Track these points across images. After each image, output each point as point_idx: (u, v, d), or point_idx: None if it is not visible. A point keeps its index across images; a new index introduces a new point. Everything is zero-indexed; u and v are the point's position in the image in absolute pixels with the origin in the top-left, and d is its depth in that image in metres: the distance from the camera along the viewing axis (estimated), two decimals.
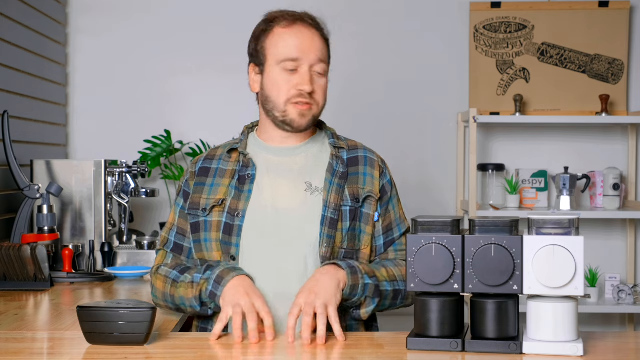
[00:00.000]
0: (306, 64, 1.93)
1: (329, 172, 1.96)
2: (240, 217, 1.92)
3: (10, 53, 2.91)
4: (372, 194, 1.97)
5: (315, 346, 1.68)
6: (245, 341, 1.73)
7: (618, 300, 3.43)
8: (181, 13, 3.60)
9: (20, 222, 2.70)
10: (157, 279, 1.96)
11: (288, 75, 1.93)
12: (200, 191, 1.98)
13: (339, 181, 1.95)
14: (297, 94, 1.92)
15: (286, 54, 1.93)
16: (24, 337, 1.79)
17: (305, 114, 1.94)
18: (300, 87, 1.92)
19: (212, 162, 2.02)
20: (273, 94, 1.95)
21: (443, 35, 3.65)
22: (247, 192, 1.94)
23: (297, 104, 1.93)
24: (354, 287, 1.82)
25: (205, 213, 1.95)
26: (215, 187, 1.97)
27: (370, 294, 1.84)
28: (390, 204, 2.02)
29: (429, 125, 3.65)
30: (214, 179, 1.99)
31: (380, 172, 2.01)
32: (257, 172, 1.97)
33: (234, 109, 3.51)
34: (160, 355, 1.60)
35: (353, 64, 3.61)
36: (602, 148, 3.66)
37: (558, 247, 1.53)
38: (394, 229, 2.01)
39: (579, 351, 1.54)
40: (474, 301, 1.59)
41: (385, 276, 1.90)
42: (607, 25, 3.59)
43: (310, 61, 1.93)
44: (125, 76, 3.60)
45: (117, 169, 2.95)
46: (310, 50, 1.93)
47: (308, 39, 1.94)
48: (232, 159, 2.01)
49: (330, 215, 1.91)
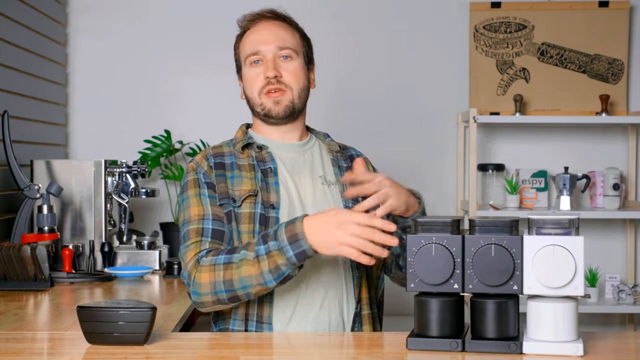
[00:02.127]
0: (269, 53, 2.00)
1: (335, 166, 2.05)
2: (275, 209, 1.93)
3: (10, 53, 2.91)
4: None
5: (316, 346, 1.68)
6: (245, 341, 1.73)
7: (618, 300, 3.43)
8: (181, 13, 3.60)
9: (20, 222, 2.70)
10: (200, 273, 1.82)
11: (255, 69, 2.01)
12: (224, 182, 1.96)
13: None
14: (265, 83, 2.00)
15: (248, 50, 2.03)
16: (24, 337, 1.79)
17: (279, 101, 1.99)
18: (265, 74, 1.99)
19: (224, 157, 2.01)
20: (248, 90, 2.03)
21: (443, 35, 3.65)
22: (275, 185, 1.96)
23: (268, 93, 1.99)
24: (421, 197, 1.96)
25: (237, 204, 1.92)
26: (239, 179, 1.95)
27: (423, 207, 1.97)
28: None
29: (429, 125, 3.65)
30: (232, 172, 1.97)
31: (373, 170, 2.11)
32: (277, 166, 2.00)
33: (234, 109, 3.49)
34: (160, 355, 1.60)
35: (352, 64, 3.61)
36: (602, 148, 3.66)
37: (558, 247, 1.53)
38: None
39: (579, 351, 1.53)
40: (474, 301, 1.59)
41: None
42: (607, 25, 3.59)
43: (271, 50, 2.00)
44: (125, 76, 3.60)
45: (117, 169, 2.95)
46: (268, 40, 2.01)
47: (266, 31, 2.02)
48: (244, 154, 2.01)
49: (350, 205, 1.97)
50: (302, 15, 2.19)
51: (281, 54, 2.00)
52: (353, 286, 1.95)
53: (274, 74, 1.98)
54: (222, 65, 3.56)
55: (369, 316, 1.96)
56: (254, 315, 1.90)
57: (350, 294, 1.94)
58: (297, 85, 2.01)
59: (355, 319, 1.93)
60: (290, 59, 2.01)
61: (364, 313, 1.96)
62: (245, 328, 1.90)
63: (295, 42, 2.04)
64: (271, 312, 1.89)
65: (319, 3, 3.60)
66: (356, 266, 1.95)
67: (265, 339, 1.76)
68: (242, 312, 1.91)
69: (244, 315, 1.90)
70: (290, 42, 2.02)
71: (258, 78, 2.00)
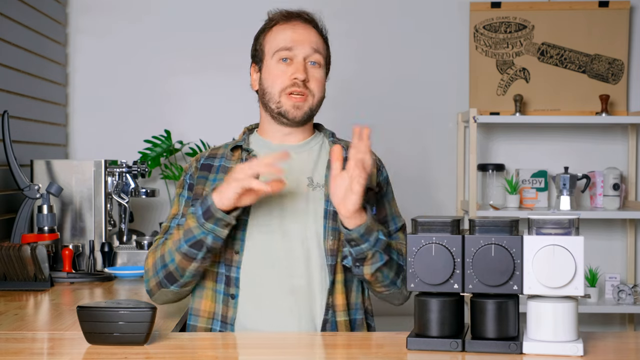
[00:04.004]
0: (300, 54, 1.98)
1: (328, 168, 1.98)
2: (245, 212, 1.92)
3: (10, 53, 2.91)
4: (371, 186, 1.98)
5: (316, 346, 1.68)
6: (246, 340, 1.73)
7: (618, 300, 3.43)
8: (181, 13, 3.60)
9: (20, 222, 2.70)
10: (146, 260, 1.95)
11: (283, 66, 1.98)
12: (203, 184, 1.99)
13: None
14: (290, 84, 1.96)
15: (281, 44, 1.98)
16: (24, 337, 1.79)
17: (299, 106, 1.97)
18: (294, 75, 1.96)
19: (215, 159, 2.04)
20: (269, 84, 1.99)
21: (443, 35, 3.65)
22: None
23: (291, 94, 1.96)
24: (369, 231, 1.81)
25: None
26: (218, 183, 1.96)
27: (380, 249, 1.83)
28: (385, 199, 2.05)
29: (429, 125, 3.65)
30: (216, 175, 2.00)
31: (377, 169, 2.05)
32: None
33: (234, 109, 3.51)
34: (160, 355, 1.60)
35: (352, 64, 3.61)
36: (602, 148, 3.66)
37: (558, 247, 1.53)
38: (389, 222, 2.04)
39: (579, 351, 1.54)
40: (474, 301, 1.59)
41: (395, 248, 1.92)
42: (607, 25, 3.59)
43: (304, 51, 1.98)
44: (125, 76, 3.60)
45: (117, 169, 2.95)
46: (305, 41, 1.98)
47: (302, 31, 2.00)
48: (235, 157, 2.02)
49: (332, 209, 1.92)
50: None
51: (312, 58, 1.99)
52: (326, 291, 1.89)
53: (303, 77, 1.96)
54: (222, 65, 3.58)
55: (346, 323, 1.89)
56: (218, 314, 1.91)
57: (323, 299, 1.89)
58: (319, 93, 2.01)
59: (326, 325, 1.88)
60: (319, 66, 2.00)
61: (339, 320, 1.89)
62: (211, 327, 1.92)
63: (324, 51, 2.04)
64: (235, 314, 1.89)
65: (319, 3, 3.59)
66: (331, 271, 1.90)
67: (265, 339, 1.76)
68: (208, 311, 1.92)
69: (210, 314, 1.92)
70: (321, 47, 2.02)
71: (284, 76, 1.97)
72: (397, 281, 1.92)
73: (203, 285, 1.94)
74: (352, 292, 1.94)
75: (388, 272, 1.88)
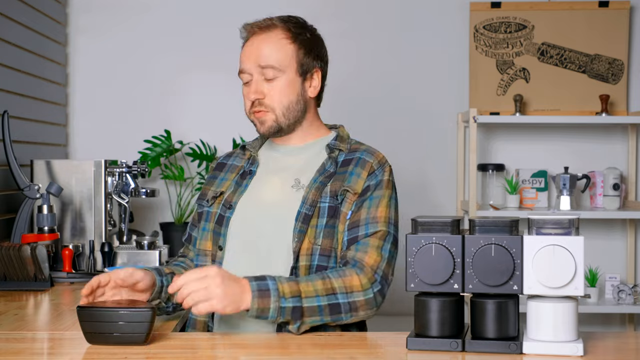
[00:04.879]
0: (254, 72, 2.00)
1: (318, 171, 1.99)
2: (231, 209, 1.99)
3: (10, 53, 2.91)
4: (350, 189, 1.93)
5: (316, 346, 1.68)
6: (246, 341, 1.73)
7: (618, 300, 3.43)
8: (181, 13, 3.60)
9: (20, 222, 2.70)
10: None
11: (245, 88, 2.04)
12: (211, 184, 2.11)
13: (324, 179, 1.97)
14: (250, 105, 2.03)
15: (239, 67, 2.04)
16: (24, 337, 1.79)
17: (263, 121, 2.02)
18: (249, 97, 2.01)
19: (230, 158, 2.15)
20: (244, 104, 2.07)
21: (443, 35, 3.65)
22: (244, 187, 2.03)
23: (254, 112, 2.02)
24: (263, 310, 1.74)
25: (209, 204, 2.06)
26: (223, 181, 2.09)
27: (288, 316, 1.75)
28: (367, 202, 1.93)
29: (429, 125, 3.65)
30: (225, 174, 2.11)
31: (369, 173, 1.96)
32: (259, 168, 2.06)
33: (234, 109, 3.49)
34: (160, 355, 1.60)
35: (352, 64, 3.61)
36: (602, 148, 3.66)
37: (558, 247, 1.53)
38: (360, 226, 1.91)
39: (579, 351, 1.53)
40: (474, 301, 1.59)
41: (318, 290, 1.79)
42: (607, 25, 3.59)
43: (253, 69, 2.00)
44: (125, 76, 3.60)
45: (117, 169, 2.95)
46: (251, 59, 2.00)
47: (249, 49, 2.02)
48: (246, 156, 2.12)
49: (305, 211, 1.92)
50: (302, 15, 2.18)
51: (264, 74, 1.99)
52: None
53: (255, 97, 2.00)
54: (222, 65, 3.57)
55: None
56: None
57: None
58: (280, 104, 1.99)
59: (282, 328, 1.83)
60: (273, 79, 1.99)
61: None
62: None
63: (282, 55, 1.98)
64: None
65: (319, 3, 3.59)
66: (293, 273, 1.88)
67: (265, 339, 1.76)
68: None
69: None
70: (274, 58, 1.98)
71: (246, 98, 2.03)
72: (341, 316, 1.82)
73: None
74: None
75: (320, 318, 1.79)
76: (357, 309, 1.83)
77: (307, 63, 2.02)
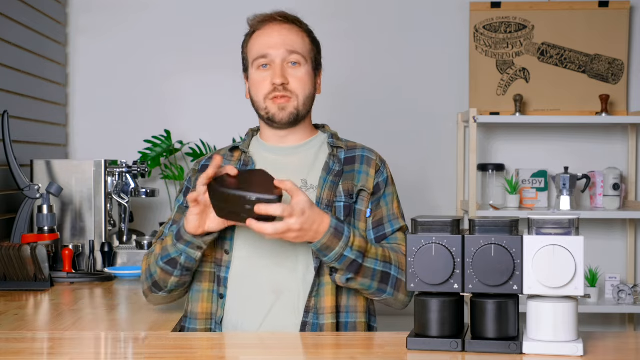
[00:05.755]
0: (277, 58, 1.98)
1: (324, 170, 1.98)
2: None
3: (10, 53, 2.91)
4: (365, 188, 1.97)
5: (316, 346, 1.68)
6: (246, 341, 1.73)
7: (618, 300, 3.43)
8: (181, 13, 3.60)
9: (20, 222, 2.70)
10: (142, 262, 2.00)
11: (262, 72, 1.99)
12: None
13: (334, 178, 1.96)
14: (271, 89, 1.97)
15: (258, 53, 2.00)
16: (24, 337, 1.79)
17: (284, 107, 1.98)
18: (272, 80, 1.97)
19: None
20: (254, 93, 2.02)
21: (443, 35, 3.65)
22: None
23: (274, 98, 1.97)
24: (325, 248, 1.78)
25: None
26: None
27: (344, 266, 1.81)
28: (383, 200, 2.00)
29: (429, 125, 3.65)
30: None
31: (376, 170, 2.01)
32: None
33: (234, 109, 3.50)
34: (160, 355, 1.60)
35: (352, 64, 3.61)
36: (602, 148, 3.66)
37: (558, 247, 1.53)
38: (385, 224, 1.98)
39: (579, 351, 1.54)
40: (474, 301, 1.59)
41: (379, 255, 1.86)
42: (607, 25, 3.59)
43: (280, 55, 1.98)
44: (125, 76, 3.60)
45: (117, 169, 2.96)
46: (279, 44, 1.98)
47: (276, 35, 1.99)
48: (235, 158, 2.05)
49: (324, 208, 1.91)
50: (302, 15, 2.18)
51: (290, 59, 1.98)
52: (309, 293, 1.88)
53: (281, 81, 1.96)
54: (222, 65, 3.57)
55: (333, 326, 1.87)
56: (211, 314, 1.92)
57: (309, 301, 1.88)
58: (303, 92, 1.99)
59: (305, 327, 1.85)
60: (299, 66, 1.99)
61: (325, 322, 1.86)
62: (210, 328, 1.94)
63: (305, 47, 2.01)
64: (223, 313, 1.90)
65: (319, 3, 3.59)
66: (317, 273, 1.88)
67: (264, 339, 1.76)
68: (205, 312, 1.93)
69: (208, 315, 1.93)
70: (300, 47, 2.00)
71: (265, 82, 1.98)
72: (386, 289, 1.88)
73: (199, 288, 1.94)
74: (343, 295, 1.92)
75: (369, 282, 1.85)
76: (399, 289, 1.90)
77: (318, 61, 2.07)
